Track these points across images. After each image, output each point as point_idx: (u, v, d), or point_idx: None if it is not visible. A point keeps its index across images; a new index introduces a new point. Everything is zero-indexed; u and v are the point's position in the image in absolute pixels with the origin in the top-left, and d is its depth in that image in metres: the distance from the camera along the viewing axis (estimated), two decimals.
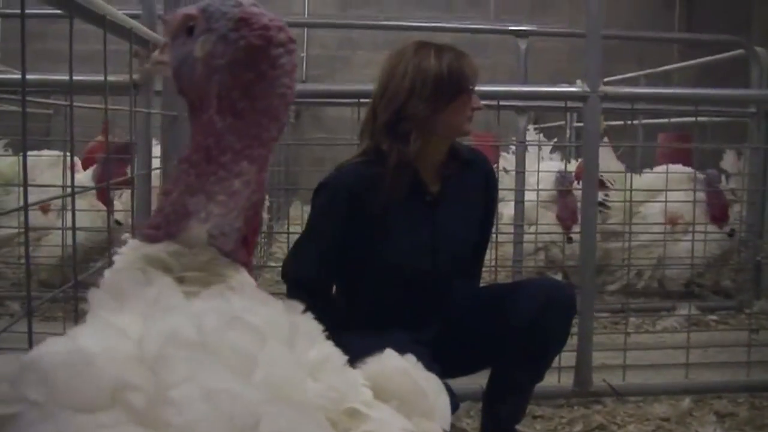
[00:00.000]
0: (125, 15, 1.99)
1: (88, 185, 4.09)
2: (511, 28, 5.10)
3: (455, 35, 6.34)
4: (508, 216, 4.43)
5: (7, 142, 4.87)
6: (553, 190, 4.81)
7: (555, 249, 4.96)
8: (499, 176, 2.75)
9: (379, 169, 2.25)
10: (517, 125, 4.47)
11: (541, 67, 6.92)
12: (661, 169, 4.57)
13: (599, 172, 4.20)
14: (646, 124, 6.01)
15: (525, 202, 4.23)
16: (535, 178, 4.27)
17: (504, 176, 4.65)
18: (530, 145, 4.76)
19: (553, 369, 2.50)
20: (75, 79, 1.73)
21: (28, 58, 1.36)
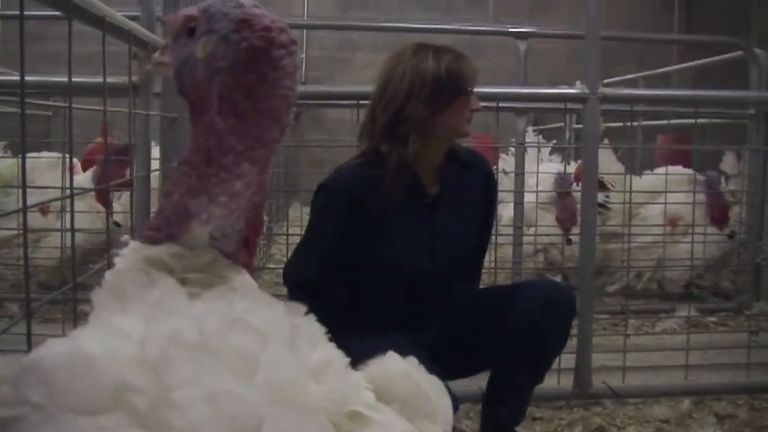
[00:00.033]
0: (124, 17, 1.98)
1: (87, 187, 4.09)
2: (511, 29, 5.10)
3: (455, 37, 6.37)
4: (508, 217, 4.43)
5: (6, 143, 4.86)
6: (553, 191, 4.81)
7: (554, 250, 4.95)
8: (498, 178, 2.75)
9: (378, 171, 2.24)
10: (517, 127, 4.47)
11: (541, 69, 6.92)
12: (662, 171, 4.57)
13: (600, 174, 4.22)
14: (646, 126, 6.00)
15: (524, 204, 4.23)
16: (535, 180, 4.26)
17: (503, 178, 4.65)
18: (529, 146, 4.75)
19: (552, 371, 2.49)
20: (74, 80, 1.72)
21: (27, 59, 1.35)
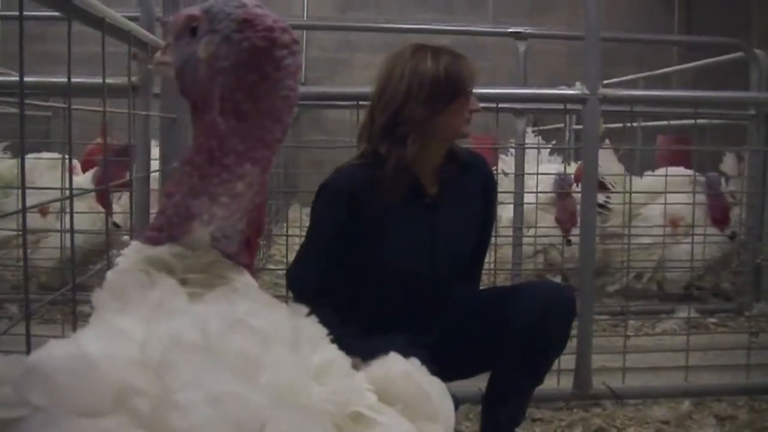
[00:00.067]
0: (124, 17, 1.98)
1: (87, 188, 4.08)
2: (510, 30, 5.09)
3: (454, 37, 6.37)
4: (507, 218, 4.43)
5: (6, 144, 4.86)
6: (552, 192, 4.81)
7: (554, 251, 4.95)
8: (498, 179, 2.75)
9: (378, 172, 2.24)
10: (516, 128, 4.47)
11: (540, 70, 6.93)
12: (663, 172, 4.57)
13: (601, 175, 4.22)
14: (645, 127, 6.00)
15: (524, 205, 4.23)
16: (534, 181, 4.26)
17: (503, 179, 4.65)
18: (529, 147, 4.75)
19: (552, 372, 2.49)
20: (73, 81, 1.72)
21: (26, 60, 1.35)
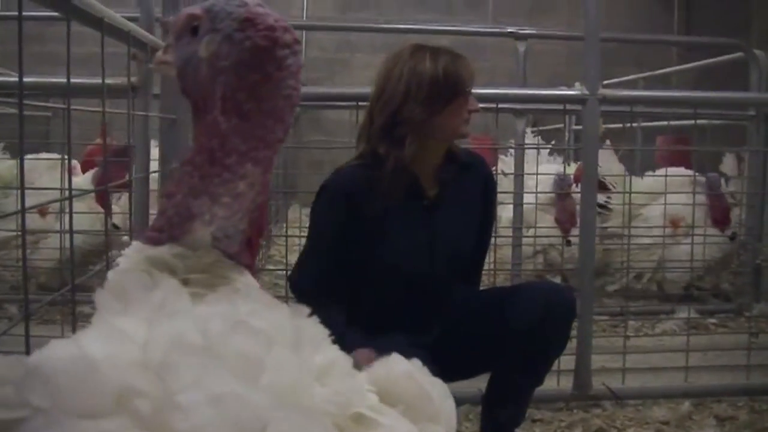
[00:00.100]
0: (123, 17, 1.98)
1: (87, 188, 4.08)
2: (510, 30, 5.09)
3: (454, 38, 6.37)
4: (507, 219, 4.43)
5: (5, 145, 4.86)
6: (552, 193, 4.81)
7: (554, 252, 4.96)
8: (497, 179, 2.75)
9: (376, 172, 2.24)
10: (516, 128, 4.47)
11: (540, 70, 6.93)
12: (663, 172, 4.57)
13: (602, 175, 4.22)
14: (645, 127, 6.00)
15: (523, 205, 4.23)
16: (534, 181, 4.26)
17: (502, 179, 4.64)
18: (529, 148, 4.75)
19: (552, 372, 2.49)
20: (72, 81, 1.72)
21: (25, 60, 1.35)
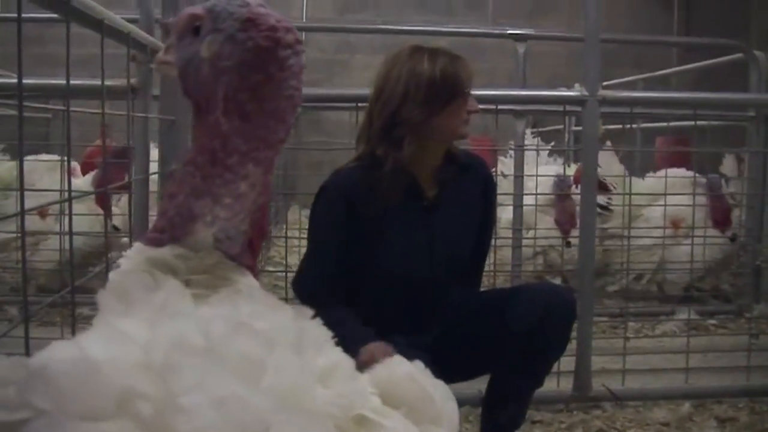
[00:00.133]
0: (123, 19, 1.98)
1: (86, 190, 4.08)
2: (510, 32, 5.08)
3: (453, 39, 6.35)
4: (507, 220, 4.42)
5: (5, 146, 4.86)
6: (552, 194, 4.81)
7: (553, 253, 4.95)
8: (497, 180, 2.75)
9: (375, 173, 2.24)
10: (516, 129, 4.47)
11: (540, 71, 6.92)
12: (664, 173, 4.56)
13: (603, 176, 4.22)
14: (645, 128, 6.00)
15: (523, 207, 4.22)
16: (534, 183, 4.26)
17: (502, 180, 4.64)
18: (528, 149, 4.75)
19: (552, 373, 2.48)
20: (72, 83, 1.72)
21: (25, 62, 1.35)
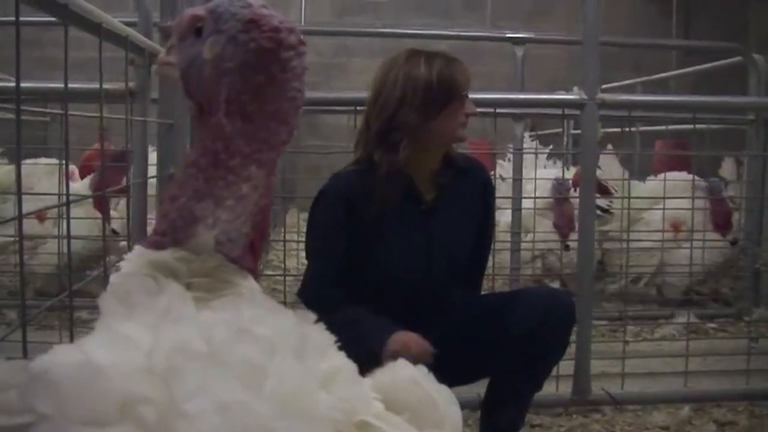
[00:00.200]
0: (121, 23, 1.98)
1: (84, 194, 4.07)
2: (508, 35, 5.08)
3: (452, 42, 6.35)
4: (505, 224, 4.42)
5: (3, 150, 4.85)
6: (550, 197, 4.81)
7: (552, 257, 4.95)
8: (495, 184, 2.75)
9: (372, 177, 2.24)
10: (514, 133, 4.47)
11: (538, 75, 6.92)
12: (664, 177, 4.56)
13: (604, 179, 4.21)
14: (644, 132, 6.00)
15: (522, 210, 4.22)
16: (532, 186, 4.26)
17: (500, 184, 4.63)
18: (527, 152, 4.75)
19: (551, 377, 2.47)
20: (70, 87, 1.71)
21: (23, 65, 1.34)
